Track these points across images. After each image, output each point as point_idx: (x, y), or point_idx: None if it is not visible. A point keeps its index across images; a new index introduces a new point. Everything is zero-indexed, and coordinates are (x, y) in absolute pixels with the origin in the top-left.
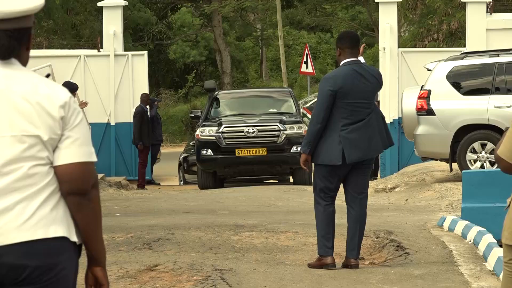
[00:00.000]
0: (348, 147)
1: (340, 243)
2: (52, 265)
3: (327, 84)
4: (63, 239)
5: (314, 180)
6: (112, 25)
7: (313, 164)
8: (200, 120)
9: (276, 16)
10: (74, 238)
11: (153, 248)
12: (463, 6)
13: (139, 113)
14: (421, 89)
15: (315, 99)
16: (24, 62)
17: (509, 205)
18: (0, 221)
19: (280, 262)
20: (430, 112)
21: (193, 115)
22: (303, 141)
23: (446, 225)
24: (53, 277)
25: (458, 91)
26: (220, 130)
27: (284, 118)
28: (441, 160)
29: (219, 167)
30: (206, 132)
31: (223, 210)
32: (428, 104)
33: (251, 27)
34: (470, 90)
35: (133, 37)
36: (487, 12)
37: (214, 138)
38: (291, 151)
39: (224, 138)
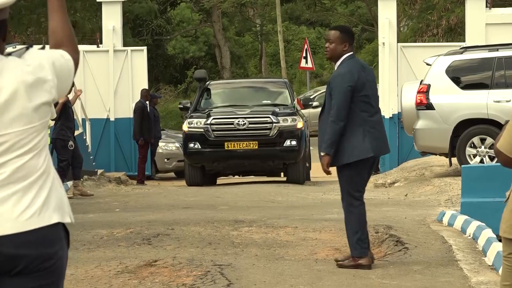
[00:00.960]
0: (374, 140)
1: (339, 238)
2: (49, 255)
3: (344, 80)
4: (58, 225)
5: (343, 184)
6: (111, 21)
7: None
8: (189, 112)
9: (275, 11)
10: (67, 219)
11: (153, 244)
12: (462, 2)
13: (140, 109)
14: (420, 83)
15: (315, 94)
16: (1, 52)
17: (508, 198)
18: None
19: (279, 257)
20: (429, 106)
21: (182, 106)
22: (325, 141)
23: (445, 220)
24: (49, 267)
25: (458, 85)
26: (208, 122)
27: (277, 109)
28: (440, 154)
29: (207, 161)
30: (193, 124)
31: (223, 205)
32: (428, 98)
33: (251, 22)
34: (470, 84)
35: (132, 32)
36: (486, 6)
37: (202, 130)
38: (284, 145)
39: (213, 130)
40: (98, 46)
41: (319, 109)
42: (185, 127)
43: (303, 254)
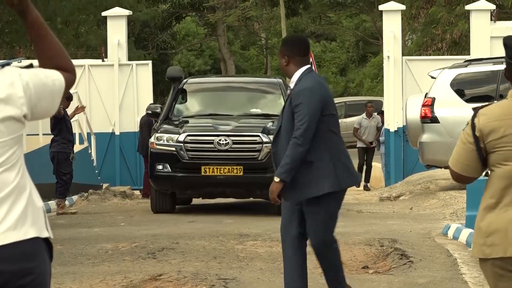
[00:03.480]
0: (341, 167)
1: (344, 252)
2: (28, 270)
3: (313, 94)
4: (36, 240)
5: (329, 218)
6: (117, 35)
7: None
8: (159, 121)
9: (280, 25)
10: (45, 234)
11: (158, 258)
12: (466, 15)
13: (147, 123)
14: (425, 97)
15: None
16: None
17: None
18: None
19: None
20: (434, 119)
21: (150, 111)
22: (283, 165)
23: (450, 233)
24: (30, 282)
25: (462, 98)
26: (181, 139)
27: (269, 125)
28: (445, 168)
29: (179, 188)
30: (163, 140)
31: (228, 219)
32: (432, 111)
33: (256, 36)
34: (474, 97)
35: (137, 46)
36: (491, 20)
37: (173, 149)
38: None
39: (187, 150)
40: (103, 60)
41: None
42: (152, 143)
43: (307, 267)
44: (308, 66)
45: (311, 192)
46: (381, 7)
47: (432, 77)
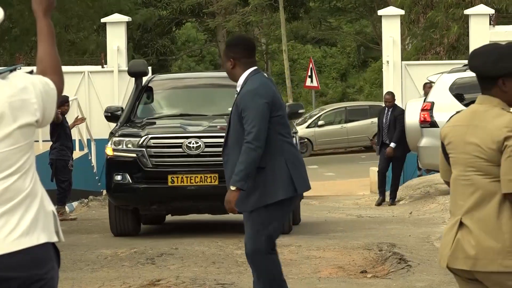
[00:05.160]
0: (296, 172)
1: (343, 256)
2: (39, 276)
3: (258, 96)
4: (47, 246)
5: (261, 227)
6: (116, 41)
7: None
8: (118, 124)
9: (280, 30)
10: (54, 238)
11: (156, 263)
12: (463, 19)
13: None
14: (424, 101)
15: (320, 113)
16: None
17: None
18: None
19: None
20: (433, 124)
21: (109, 114)
22: (238, 173)
23: None
24: (40, 287)
25: (461, 103)
26: (143, 143)
27: None
28: None
29: (141, 203)
30: (122, 145)
31: (227, 224)
32: (431, 116)
33: (256, 42)
34: (473, 101)
35: (136, 52)
36: (490, 24)
37: (134, 155)
38: None
39: (150, 156)
40: (102, 67)
41: (326, 128)
42: (108, 149)
43: (306, 272)
44: (255, 68)
45: (266, 200)
46: (380, 12)
47: (431, 82)
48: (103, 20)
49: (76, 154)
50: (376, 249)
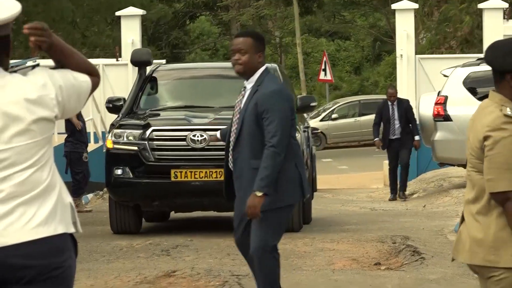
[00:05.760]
0: (304, 176)
1: (357, 249)
2: (57, 264)
3: (283, 99)
4: (64, 236)
5: (271, 228)
6: (130, 34)
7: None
8: (120, 115)
9: (294, 23)
10: (71, 229)
11: (172, 255)
12: (476, 12)
13: None
14: (437, 95)
15: (334, 107)
16: (5, 69)
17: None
18: (3, 223)
19: (297, 268)
20: (447, 118)
21: (111, 105)
22: (265, 177)
23: None
24: (58, 275)
25: (475, 96)
26: (145, 136)
27: None
28: (458, 165)
29: (143, 199)
30: (123, 138)
31: None
32: (445, 110)
33: (270, 35)
34: (487, 95)
35: (151, 46)
36: (504, 18)
37: (135, 148)
38: None
39: (153, 149)
40: (117, 60)
41: (339, 121)
42: (108, 142)
43: (320, 264)
44: (265, 66)
45: (278, 203)
46: (394, 6)
47: (445, 76)
48: (117, 13)
49: (91, 146)
50: (390, 242)
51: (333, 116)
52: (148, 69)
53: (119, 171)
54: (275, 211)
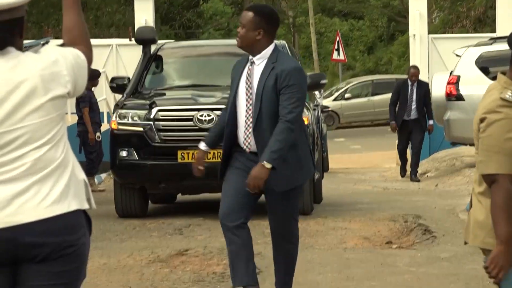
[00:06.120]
0: (313, 154)
1: (369, 227)
2: (71, 242)
3: (304, 77)
4: (78, 213)
5: (296, 206)
6: (144, 14)
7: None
8: (124, 95)
9: (307, 3)
10: (85, 206)
11: (184, 234)
12: None
13: None
14: (450, 74)
15: (347, 86)
16: (19, 49)
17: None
18: (18, 201)
19: (309, 246)
20: (459, 97)
21: (114, 84)
22: (278, 151)
23: None
24: (72, 252)
25: (487, 76)
26: (151, 116)
27: None
28: (470, 145)
29: (149, 181)
30: (128, 118)
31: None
32: (457, 89)
33: (283, 15)
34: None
35: (164, 26)
36: None
37: (140, 129)
38: None
39: (158, 129)
40: (130, 40)
41: (352, 101)
42: (113, 123)
43: (332, 243)
44: (274, 44)
45: (300, 178)
46: None
47: (457, 55)
48: None
49: (104, 126)
50: (402, 221)
51: (346, 95)
52: (153, 47)
53: (124, 153)
54: (296, 188)
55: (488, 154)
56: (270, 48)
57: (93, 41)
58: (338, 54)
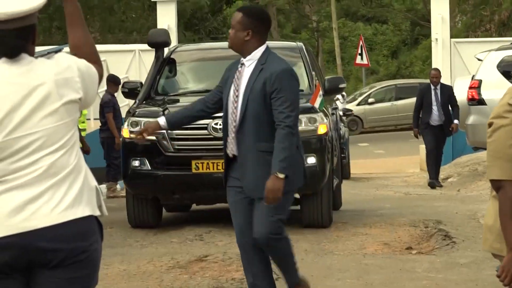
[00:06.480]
0: (304, 161)
1: (389, 233)
2: (83, 248)
3: (295, 78)
4: (91, 219)
5: (282, 211)
6: (166, 20)
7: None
8: (137, 101)
9: (331, 7)
10: (97, 212)
11: (205, 240)
12: None
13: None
14: (472, 79)
15: (370, 91)
16: (31, 55)
17: None
18: (32, 206)
19: (328, 252)
20: (481, 102)
21: (126, 89)
22: (286, 159)
23: None
24: (84, 259)
25: (509, 80)
26: None
27: None
28: None
29: (162, 192)
30: (140, 126)
31: None
32: (479, 94)
33: (307, 19)
34: None
35: (188, 31)
36: None
37: (153, 138)
38: None
39: (172, 139)
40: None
41: (376, 106)
42: (125, 131)
43: (352, 248)
44: (265, 45)
45: (299, 182)
46: None
47: (479, 59)
48: None
49: None
50: (422, 226)
51: (370, 100)
52: (166, 50)
53: (136, 163)
54: (286, 194)
55: (492, 159)
56: (261, 49)
57: (116, 47)
58: (362, 58)
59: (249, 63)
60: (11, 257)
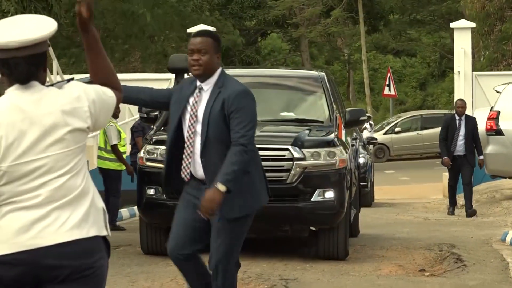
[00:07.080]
0: (266, 182)
1: (405, 255)
2: (88, 265)
3: (252, 99)
4: (96, 239)
5: (241, 236)
6: None
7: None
8: (154, 128)
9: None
10: (104, 232)
11: None
12: None
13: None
14: (490, 110)
15: (397, 120)
16: (42, 82)
17: None
18: (38, 226)
19: (344, 273)
20: (499, 132)
21: (145, 115)
22: (232, 173)
23: (508, 239)
24: (90, 274)
25: None
26: None
27: (303, 135)
28: (510, 178)
29: None
30: (156, 153)
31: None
32: (497, 124)
33: (339, 52)
34: None
35: (224, 61)
36: None
37: None
38: (312, 199)
39: None
40: (188, 74)
41: (402, 135)
42: (141, 159)
43: (367, 270)
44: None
45: (255, 205)
46: (452, 25)
47: (498, 92)
48: (188, 30)
49: None
50: (437, 249)
51: (396, 129)
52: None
53: (151, 191)
54: (245, 217)
55: None
56: (217, 73)
57: (154, 75)
58: (389, 89)
59: (208, 87)
60: (19, 273)
